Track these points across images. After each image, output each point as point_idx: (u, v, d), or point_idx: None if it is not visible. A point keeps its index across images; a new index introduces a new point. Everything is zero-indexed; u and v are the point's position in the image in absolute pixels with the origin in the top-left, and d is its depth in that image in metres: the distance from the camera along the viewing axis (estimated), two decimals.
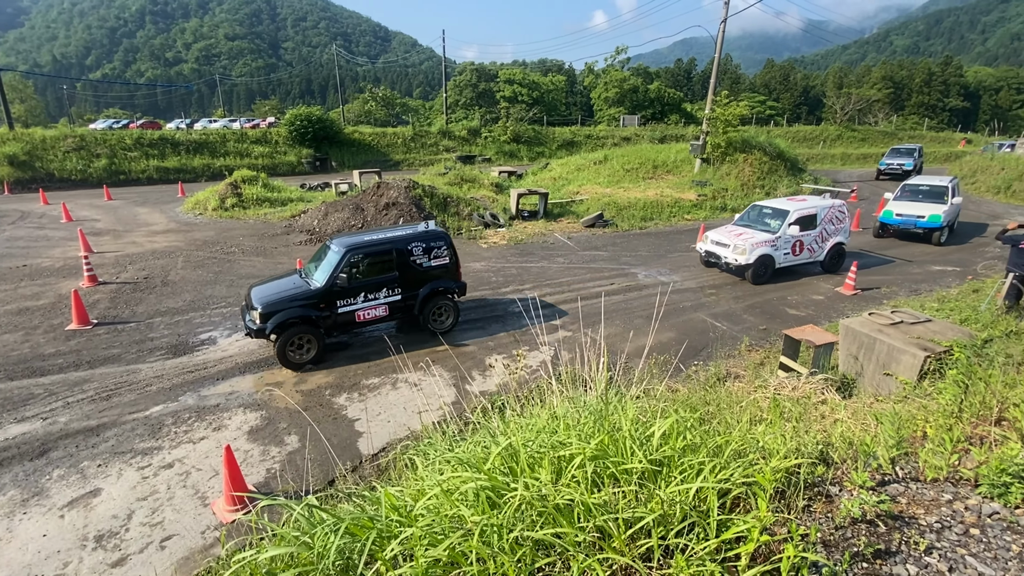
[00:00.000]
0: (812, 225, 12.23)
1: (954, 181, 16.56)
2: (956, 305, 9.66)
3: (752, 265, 11.60)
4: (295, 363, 7.91)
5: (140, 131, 32.00)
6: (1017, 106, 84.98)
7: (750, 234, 12.06)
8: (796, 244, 12.12)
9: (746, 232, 12.23)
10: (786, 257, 12.10)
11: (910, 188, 16.67)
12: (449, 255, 9.09)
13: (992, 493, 2.66)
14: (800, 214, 12.09)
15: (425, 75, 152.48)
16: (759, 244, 11.69)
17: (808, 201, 12.76)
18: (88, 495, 5.35)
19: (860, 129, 49.23)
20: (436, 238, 9.02)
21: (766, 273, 11.93)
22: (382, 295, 8.57)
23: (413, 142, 38.85)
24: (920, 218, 15.31)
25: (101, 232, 16.40)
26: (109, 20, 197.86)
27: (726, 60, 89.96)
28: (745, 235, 12.06)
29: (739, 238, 11.95)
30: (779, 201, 13.00)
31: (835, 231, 12.66)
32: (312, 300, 8.05)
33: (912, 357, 5.95)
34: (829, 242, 12.62)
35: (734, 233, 12.33)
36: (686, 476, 2.39)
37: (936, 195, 15.84)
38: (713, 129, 23.92)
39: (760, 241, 11.75)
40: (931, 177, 17.34)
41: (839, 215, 12.65)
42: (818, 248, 12.53)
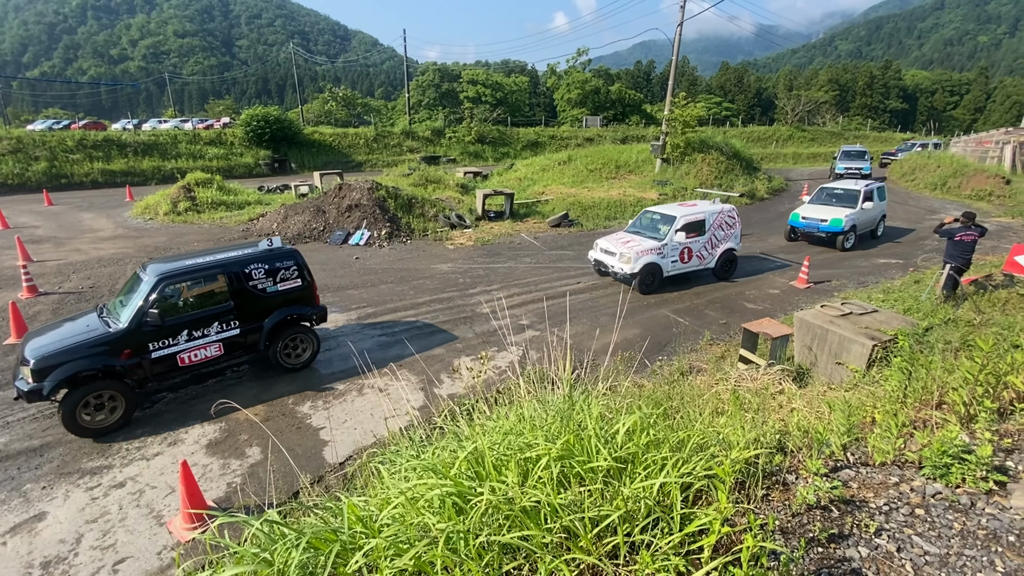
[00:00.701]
0: (700, 231, 11.75)
1: (873, 186, 15.99)
2: (900, 296, 10.20)
3: (638, 274, 11.06)
4: (94, 428, 6.22)
5: (83, 132, 30.26)
6: (951, 107, 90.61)
7: (637, 242, 11.50)
8: (684, 251, 11.59)
9: (634, 240, 11.69)
10: (674, 265, 11.55)
11: (826, 191, 16.29)
12: (301, 276, 7.81)
13: (935, 474, 2.81)
14: (687, 220, 11.59)
15: (387, 75, 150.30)
16: (644, 252, 11.14)
17: (697, 206, 12.29)
18: (32, 519, 5.02)
19: (810, 129, 51.47)
20: (282, 257, 7.68)
21: (654, 282, 11.40)
22: (213, 331, 7.06)
23: (376, 143, 38.25)
24: (822, 222, 14.90)
25: (41, 239, 15.45)
26: (47, 15, 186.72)
27: (683, 62, 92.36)
28: (632, 243, 11.50)
29: (626, 246, 11.39)
30: (669, 207, 12.52)
31: (725, 237, 12.16)
32: (112, 345, 6.36)
33: (861, 346, 6.25)
34: (719, 248, 12.12)
35: (622, 241, 11.75)
36: (650, 472, 2.43)
37: (849, 199, 15.44)
38: (672, 130, 24.51)
39: (646, 249, 11.20)
40: (849, 182, 16.93)
41: (729, 220, 12.19)
42: (708, 255, 12.00)
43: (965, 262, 9.59)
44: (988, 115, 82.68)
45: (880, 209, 16.22)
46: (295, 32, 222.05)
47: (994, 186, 23.17)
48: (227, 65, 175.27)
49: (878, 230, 16.46)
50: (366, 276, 12.49)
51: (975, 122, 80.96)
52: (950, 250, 9.67)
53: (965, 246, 9.54)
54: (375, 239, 15.58)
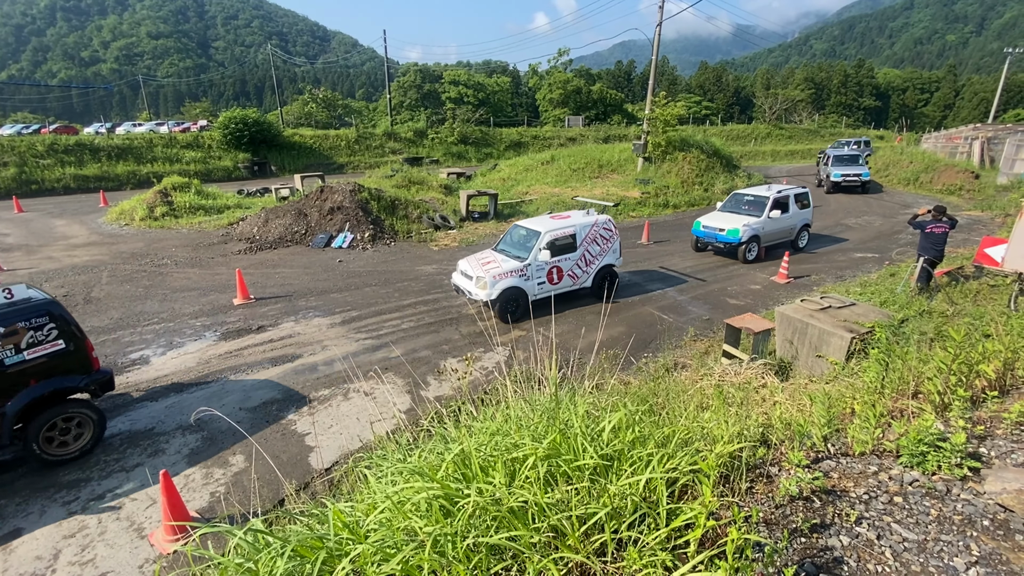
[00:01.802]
0: (571, 248, 10.30)
1: (788, 192, 14.28)
2: (876, 289, 10.44)
3: (497, 301, 9.61)
4: None
5: (53, 136, 29.49)
6: (922, 104, 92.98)
7: (497, 263, 9.97)
8: (552, 270, 10.12)
9: (494, 260, 10.11)
10: (541, 287, 10.10)
11: (737, 197, 14.74)
12: (64, 336, 5.87)
13: (912, 462, 2.88)
14: (554, 235, 10.11)
15: (368, 76, 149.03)
16: (503, 275, 9.64)
17: (569, 219, 10.78)
18: (7, 536, 4.87)
19: (787, 127, 52.40)
20: (28, 314, 5.66)
21: (517, 310, 9.89)
22: None
23: (357, 144, 37.92)
24: (720, 231, 13.50)
25: (11, 247, 15.00)
26: (14, 17, 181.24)
27: (663, 62, 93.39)
28: (491, 264, 9.95)
29: (484, 268, 9.87)
30: (537, 220, 10.94)
31: (601, 252, 10.74)
32: None
33: (840, 339, 6.38)
34: (595, 265, 10.70)
35: (482, 262, 10.14)
36: (636, 468, 2.44)
37: (757, 206, 13.88)
38: (653, 129, 24.73)
39: (505, 271, 9.68)
40: (762, 187, 15.13)
41: (605, 233, 10.77)
42: (582, 273, 10.59)
43: (938, 254, 9.85)
44: (957, 112, 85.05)
45: (800, 218, 14.54)
46: (273, 33, 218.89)
47: (964, 181, 23.85)
48: (203, 67, 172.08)
49: (799, 241, 14.73)
50: (350, 279, 12.37)
51: (945, 119, 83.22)
52: (923, 243, 9.92)
53: (936, 238, 9.79)
54: (358, 242, 15.44)
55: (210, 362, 8.23)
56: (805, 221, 14.80)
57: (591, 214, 10.97)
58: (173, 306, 10.58)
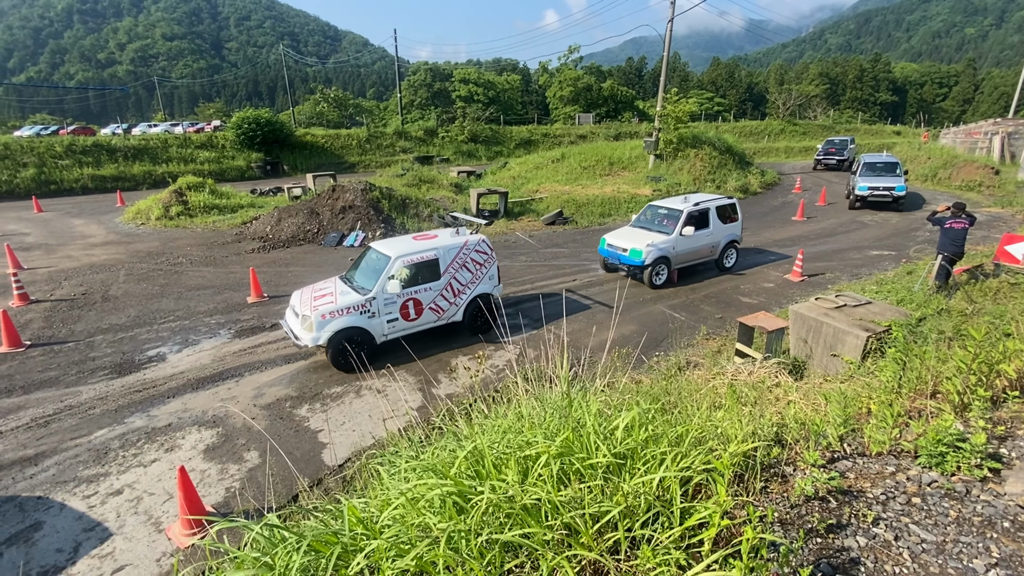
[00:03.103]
0: (433, 275, 8.63)
1: (708, 204, 12.15)
2: (893, 287, 10.28)
3: (329, 347, 7.77)
4: None
5: (71, 137, 30.00)
6: (940, 99, 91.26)
7: (332, 297, 8.12)
8: (408, 304, 8.37)
9: (329, 294, 8.26)
10: (393, 326, 8.29)
11: (651, 209, 12.67)
12: None
13: (930, 463, 2.84)
14: (407, 261, 8.38)
15: (378, 75, 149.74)
16: (336, 313, 7.74)
17: (435, 239, 9.11)
18: (29, 529, 4.98)
19: (801, 123, 51.69)
20: None
21: (356, 354, 7.71)
22: None
23: (368, 143, 38.11)
24: (623, 252, 11.54)
25: (31, 247, 15.31)
26: (32, 20, 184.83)
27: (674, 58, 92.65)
28: (324, 299, 8.07)
29: (315, 303, 7.94)
30: (394, 242, 9.14)
31: (474, 280, 9.09)
32: None
33: (855, 338, 6.29)
34: (466, 295, 9.04)
35: (315, 295, 8.27)
36: (649, 467, 2.44)
37: (670, 221, 11.79)
38: (665, 126, 24.56)
39: (340, 308, 7.79)
40: (677, 199, 12.69)
41: (478, 257, 9.11)
42: (449, 305, 8.92)
43: (957, 251, 9.67)
44: (977, 106, 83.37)
45: (724, 234, 12.39)
46: (285, 33, 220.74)
47: (983, 176, 23.36)
48: (217, 68, 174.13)
49: (724, 261, 12.64)
50: None
51: (964, 113, 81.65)
52: (942, 240, 9.76)
53: (956, 234, 9.62)
54: (370, 240, 15.55)
55: (225, 359, 8.34)
56: (731, 237, 12.63)
57: (461, 233, 9.38)
58: (188, 304, 10.74)
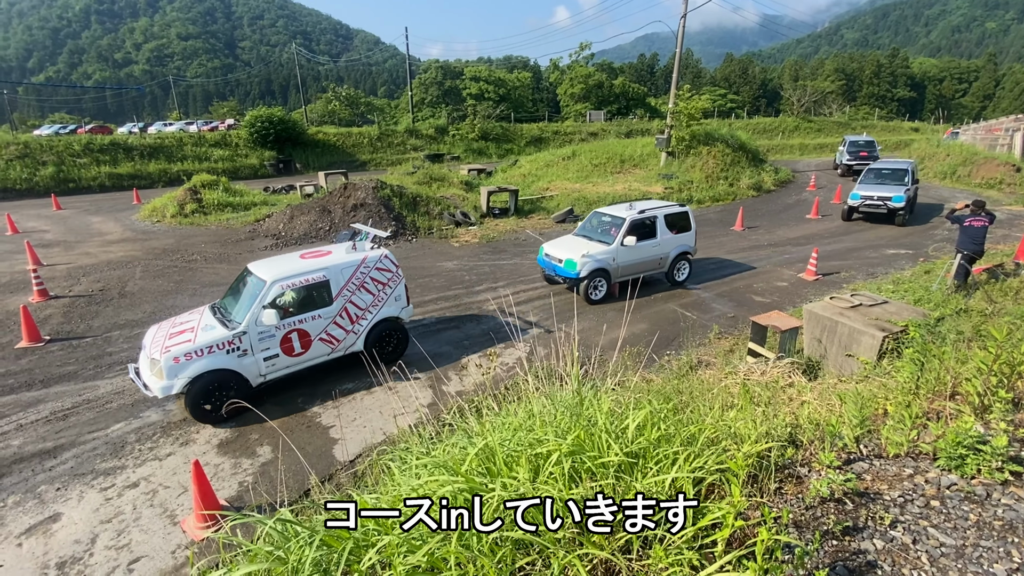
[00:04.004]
0: (324, 300, 7.30)
1: (655, 212, 11.03)
2: (910, 286, 10.11)
3: (187, 396, 6.30)
4: None
5: (89, 136, 30.53)
6: (959, 95, 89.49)
7: (191, 333, 6.56)
8: (291, 337, 6.97)
9: (190, 329, 6.70)
10: (272, 364, 6.87)
11: (596, 217, 11.65)
12: None
13: (950, 465, 2.78)
14: (287, 285, 6.96)
15: (389, 73, 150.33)
16: (192, 356, 6.27)
17: (327, 256, 7.68)
18: (47, 521, 5.09)
19: (816, 120, 50.97)
20: None
21: (215, 410, 6.44)
22: None
23: (379, 142, 38.29)
24: (558, 263, 10.56)
25: (50, 244, 15.60)
26: (51, 20, 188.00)
27: (687, 55, 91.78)
28: (181, 337, 6.52)
29: (170, 341, 6.47)
30: (277, 262, 7.54)
31: (376, 302, 7.77)
32: None
33: (871, 338, 6.19)
34: (367, 320, 7.74)
35: (174, 331, 6.76)
36: (661, 467, 2.42)
37: (613, 230, 10.83)
38: (677, 123, 24.35)
39: (200, 348, 6.33)
40: (622, 207, 11.63)
41: (380, 275, 7.84)
42: (345, 334, 7.55)
43: (977, 250, 9.49)
44: (997, 102, 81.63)
45: (674, 245, 11.24)
46: (297, 32, 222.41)
47: (1004, 174, 22.86)
48: (230, 67, 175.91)
49: (676, 274, 11.47)
50: None
51: (984, 109, 79.99)
52: (961, 238, 9.58)
53: (975, 233, 9.43)
54: (380, 238, 15.61)
55: None
56: (682, 248, 11.37)
57: (360, 248, 8.02)
58: (203, 300, 10.86)
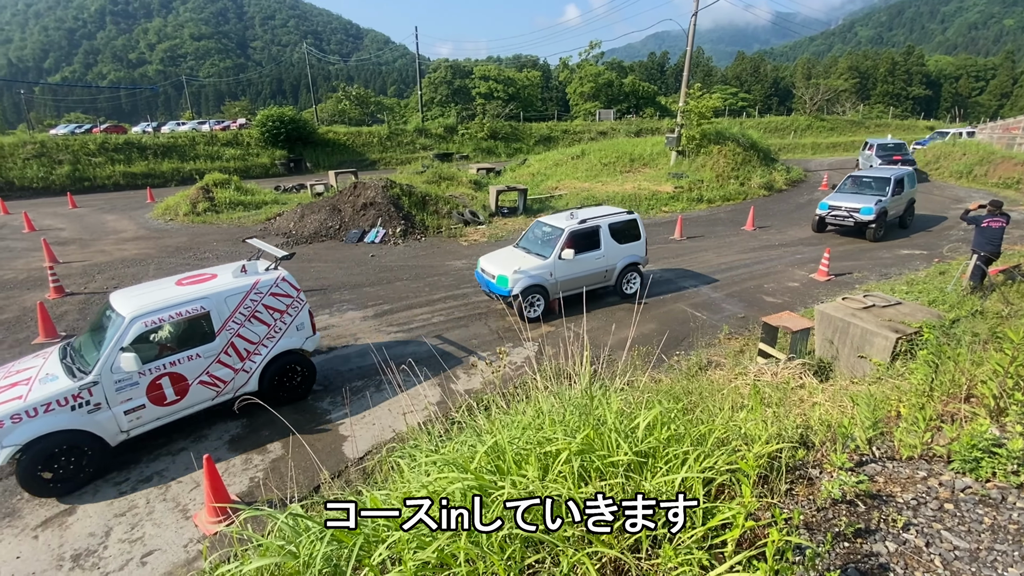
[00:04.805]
0: (204, 335, 6.16)
1: (598, 221, 10.14)
2: (924, 287, 9.97)
3: (18, 468, 5.13)
4: None
5: (104, 136, 30.95)
6: (976, 93, 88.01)
7: (21, 388, 5.39)
8: (161, 383, 5.83)
9: (23, 383, 5.50)
10: (137, 417, 5.71)
11: (538, 227, 10.58)
12: None
13: (964, 468, 2.75)
14: (156, 321, 5.79)
15: (399, 73, 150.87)
16: (22, 417, 5.09)
17: (210, 282, 6.46)
18: (63, 514, 5.18)
19: (829, 119, 50.39)
20: None
21: (66, 478, 5.34)
22: None
23: (389, 141, 38.43)
24: (491, 279, 9.81)
25: (66, 241, 15.85)
26: (67, 21, 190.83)
27: (698, 53, 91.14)
28: (12, 392, 5.36)
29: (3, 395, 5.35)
30: (144, 292, 6.26)
31: (272, 334, 6.68)
32: None
33: (884, 339, 6.12)
34: (261, 356, 6.62)
35: (9, 381, 5.61)
36: (671, 466, 2.41)
37: (555, 239, 9.81)
38: (687, 122, 24.19)
39: (29, 408, 5.14)
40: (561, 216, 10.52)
41: (277, 302, 6.70)
42: (234, 373, 6.42)
43: (994, 251, 9.33)
44: (1015, 101, 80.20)
45: (621, 256, 10.29)
46: (308, 32, 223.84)
47: (1022, 174, 22.46)
48: (242, 66, 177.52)
49: (624, 286, 10.51)
50: (382, 273, 12.58)
51: (1001, 108, 78.56)
52: (977, 239, 9.42)
53: (992, 234, 9.28)
54: (390, 237, 15.69)
55: None
56: (631, 259, 10.40)
57: (250, 271, 6.79)
58: None
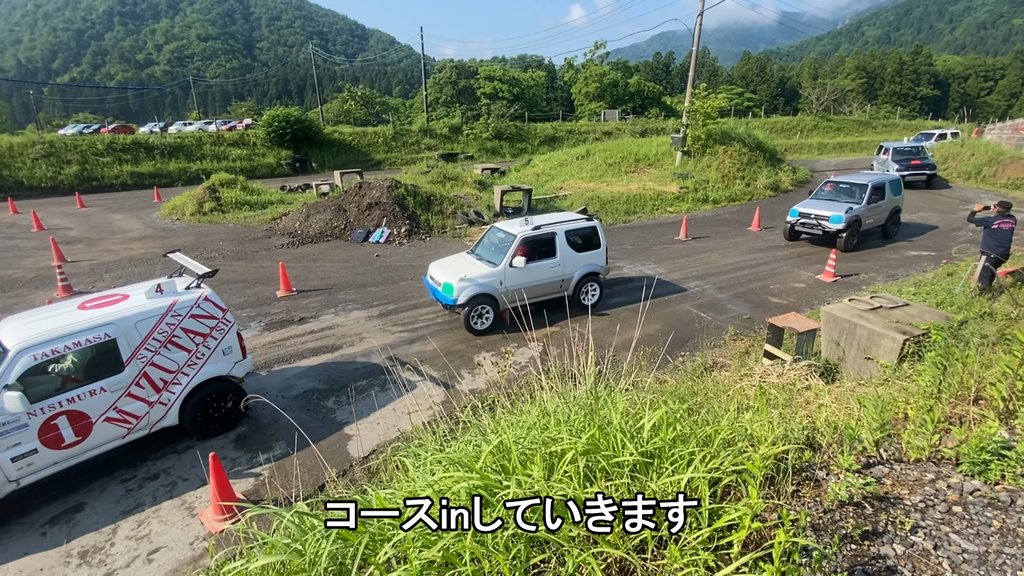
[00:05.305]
0: (109, 366, 5.47)
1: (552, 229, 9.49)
2: (932, 289, 9.89)
3: None
4: None
5: (112, 136, 31.15)
6: (985, 93, 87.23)
7: None
8: (56, 423, 5.15)
9: None
10: (28, 464, 5.02)
11: (492, 232, 10.11)
12: None
13: (973, 471, 2.73)
14: (47, 353, 5.08)
15: (404, 73, 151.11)
16: None
17: (119, 305, 5.74)
18: (70, 510, 5.22)
19: (836, 119, 50.10)
20: None
21: None
22: None
23: (394, 141, 38.51)
24: (438, 286, 9.25)
25: (74, 240, 15.97)
26: (75, 22, 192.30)
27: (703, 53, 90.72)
28: None
29: None
30: (37, 319, 5.54)
31: (195, 360, 6.04)
32: None
33: (891, 341, 6.08)
34: (182, 386, 5.95)
35: None
36: (677, 467, 2.41)
37: (498, 249, 9.44)
38: (693, 122, 24.11)
39: None
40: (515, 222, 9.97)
41: (199, 324, 6.05)
42: (149, 408, 5.73)
43: (1004, 253, 9.26)
44: None
45: (578, 264, 9.72)
46: (314, 33, 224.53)
47: None
48: (248, 67, 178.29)
49: (582, 297, 9.98)
50: (387, 273, 12.61)
51: (1011, 108, 77.80)
52: (987, 240, 9.34)
53: (1003, 235, 9.21)
54: (395, 236, 15.72)
55: (255, 351, 8.55)
56: (589, 268, 9.81)
57: (167, 291, 5.99)
58: (221, 297, 11.03)
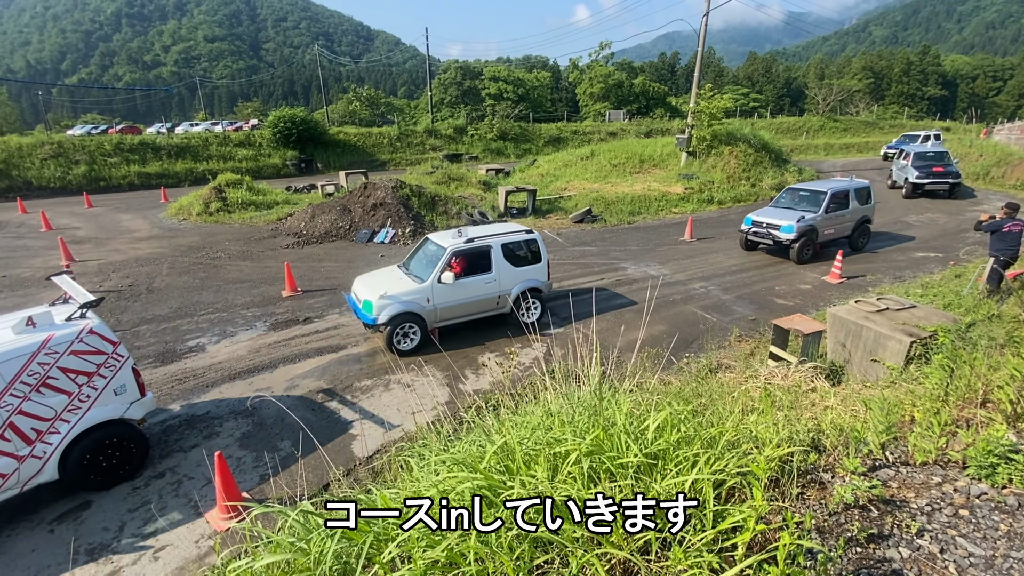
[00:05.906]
0: None
1: (488, 242, 8.84)
2: (939, 290, 9.82)
3: None
4: None
5: (119, 136, 31.41)
6: (993, 93, 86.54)
7: None
8: None
9: None
10: None
11: (426, 243, 9.37)
12: None
13: (980, 474, 2.71)
14: None
15: (409, 74, 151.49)
16: None
17: None
18: (77, 508, 5.26)
19: (842, 119, 49.83)
20: None
21: None
22: None
23: (399, 142, 38.61)
24: (359, 304, 8.59)
25: (82, 240, 16.10)
26: (84, 23, 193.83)
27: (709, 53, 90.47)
28: None
29: None
30: None
31: (78, 404, 5.22)
32: None
33: (898, 343, 6.04)
34: (61, 435, 5.11)
35: None
36: (681, 468, 2.40)
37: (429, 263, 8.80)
38: (698, 122, 24.06)
39: None
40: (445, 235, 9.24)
41: (82, 362, 5.24)
42: (18, 463, 4.88)
43: (1013, 255, 9.20)
44: None
45: (517, 280, 9.03)
46: (320, 34, 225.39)
47: None
48: (255, 68, 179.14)
49: (525, 314, 9.16)
50: None
51: (1020, 108, 77.13)
52: (996, 243, 9.28)
53: (1013, 238, 9.15)
54: (400, 237, 15.75)
55: (260, 351, 8.60)
56: (529, 284, 9.17)
57: (41, 325, 5.17)
58: (227, 297, 11.11)
